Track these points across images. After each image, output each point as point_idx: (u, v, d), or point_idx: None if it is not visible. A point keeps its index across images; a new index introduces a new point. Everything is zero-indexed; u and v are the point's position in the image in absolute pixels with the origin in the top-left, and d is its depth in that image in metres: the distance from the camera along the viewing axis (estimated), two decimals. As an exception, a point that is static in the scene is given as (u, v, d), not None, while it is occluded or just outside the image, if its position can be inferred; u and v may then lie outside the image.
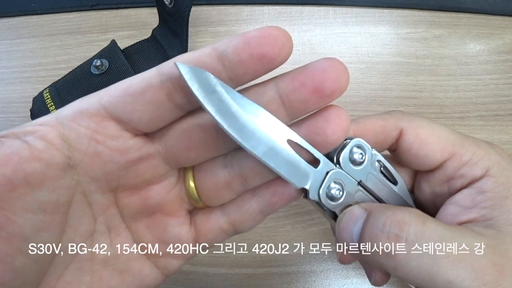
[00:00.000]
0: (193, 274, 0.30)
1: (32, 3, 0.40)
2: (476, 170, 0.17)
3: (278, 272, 0.30)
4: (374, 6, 0.39)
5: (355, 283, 0.30)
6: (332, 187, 0.17)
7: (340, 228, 0.17)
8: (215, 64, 0.14)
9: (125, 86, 0.15)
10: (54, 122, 0.15)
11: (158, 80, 0.14)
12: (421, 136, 0.18)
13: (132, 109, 0.15)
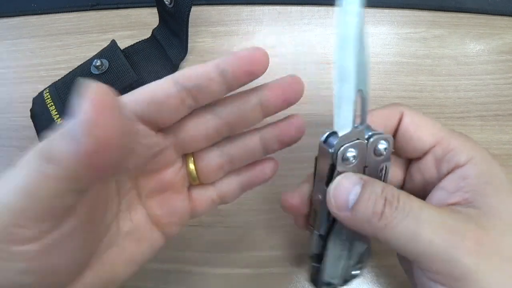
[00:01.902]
0: (193, 274, 0.30)
1: (32, 3, 0.40)
2: (461, 157, 0.19)
3: (278, 272, 0.30)
4: (374, 6, 0.39)
5: (355, 283, 0.30)
6: (351, 151, 0.19)
7: (335, 195, 0.19)
8: (218, 77, 0.19)
9: (149, 96, 0.18)
10: None
11: (175, 90, 0.18)
12: (416, 121, 0.21)
13: (157, 114, 0.18)
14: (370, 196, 0.18)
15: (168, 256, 0.31)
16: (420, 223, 0.17)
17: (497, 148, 0.33)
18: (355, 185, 0.18)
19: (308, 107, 0.35)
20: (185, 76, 0.19)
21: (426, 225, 0.17)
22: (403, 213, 0.17)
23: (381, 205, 0.17)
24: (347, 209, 0.18)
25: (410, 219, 0.17)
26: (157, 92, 0.18)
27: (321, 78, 0.36)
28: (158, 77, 0.37)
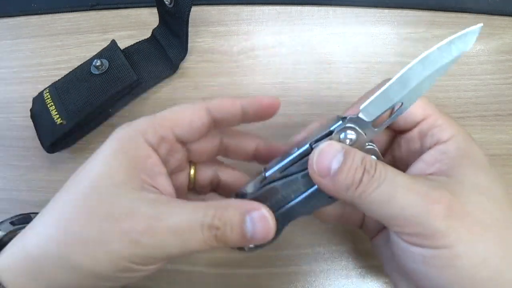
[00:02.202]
0: (193, 274, 0.30)
1: (32, 3, 0.40)
2: (444, 134, 0.21)
3: (278, 272, 0.30)
4: (374, 6, 0.39)
5: (355, 283, 0.30)
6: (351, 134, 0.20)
7: (318, 160, 0.20)
8: (240, 114, 0.23)
9: (188, 121, 0.22)
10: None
11: (207, 118, 0.23)
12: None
13: (192, 137, 0.23)
14: (352, 165, 0.19)
15: (168, 256, 0.31)
16: (394, 189, 0.18)
17: (497, 148, 0.33)
18: (338, 153, 0.19)
19: (308, 107, 0.35)
20: (216, 108, 0.23)
21: (400, 190, 0.18)
22: (379, 181, 0.19)
23: (360, 174, 0.19)
24: (328, 175, 0.20)
25: (385, 186, 0.18)
26: (194, 119, 0.22)
27: (321, 78, 0.36)
28: (158, 77, 0.37)
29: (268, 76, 0.36)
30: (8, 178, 0.34)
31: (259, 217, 0.20)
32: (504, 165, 0.33)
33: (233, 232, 0.19)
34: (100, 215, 0.19)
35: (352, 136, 0.20)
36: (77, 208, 0.19)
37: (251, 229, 0.20)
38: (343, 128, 0.20)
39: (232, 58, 0.37)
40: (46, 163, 0.34)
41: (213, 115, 0.23)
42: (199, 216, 0.19)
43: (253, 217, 0.20)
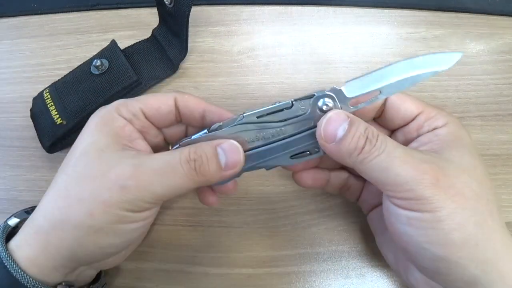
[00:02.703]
0: (193, 274, 0.30)
1: (33, 3, 0.40)
2: (438, 122, 0.24)
3: (278, 272, 0.30)
4: (374, 6, 0.39)
5: (355, 283, 0.30)
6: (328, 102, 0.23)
7: (326, 127, 0.22)
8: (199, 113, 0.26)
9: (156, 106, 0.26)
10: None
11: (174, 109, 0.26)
12: (401, 97, 0.25)
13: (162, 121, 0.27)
14: (355, 133, 0.21)
15: (168, 256, 0.31)
16: (392, 159, 0.21)
17: (497, 148, 0.33)
18: (344, 122, 0.22)
19: (308, 107, 0.35)
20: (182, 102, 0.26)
21: (396, 161, 0.21)
22: (379, 150, 0.21)
23: (363, 142, 0.21)
24: (333, 141, 0.22)
25: (384, 155, 0.21)
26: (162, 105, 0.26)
27: (321, 78, 0.36)
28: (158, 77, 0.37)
29: (268, 76, 0.36)
30: (8, 178, 0.34)
31: (229, 146, 0.23)
32: (504, 165, 0.33)
33: (209, 162, 0.22)
34: (91, 174, 0.21)
35: (329, 104, 0.22)
36: (71, 174, 0.22)
37: (224, 157, 0.23)
38: (324, 95, 0.22)
39: (232, 58, 0.37)
40: (46, 163, 0.34)
41: (178, 105, 0.26)
42: (176, 155, 0.22)
43: (224, 147, 0.23)
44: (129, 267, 0.30)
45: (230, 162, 0.23)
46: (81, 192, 0.21)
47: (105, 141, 0.23)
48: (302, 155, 0.24)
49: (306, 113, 0.23)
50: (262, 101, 0.35)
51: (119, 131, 0.23)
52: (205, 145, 0.23)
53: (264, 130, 0.23)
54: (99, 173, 0.21)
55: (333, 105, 0.22)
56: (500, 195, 0.32)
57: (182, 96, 0.26)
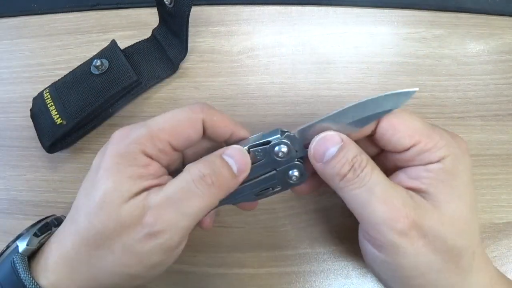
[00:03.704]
0: (193, 274, 0.30)
1: (32, 3, 0.40)
2: (433, 157, 0.21)
3: (278, 272, 0.30)
4: (374, 6, 0.39)
5: (355, 283, 0.30)
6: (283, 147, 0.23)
7: (317, 146, 0.22)
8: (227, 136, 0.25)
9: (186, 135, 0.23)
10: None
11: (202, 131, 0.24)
12: (394, 124, 0.22)
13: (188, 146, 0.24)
14: (341, 159, 0.21)
15: (168, 256, 0.31)
16: (370, 196, 0.20)
17: (497, 148, 0.33)
18: (335, 144, 0.21)
19: (308, 107, 0.35)
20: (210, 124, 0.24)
21: (374, 199, 0.20)
22: (361, 183, 0.20)
23: (346, 170, 0.21)
24: (321, 161, 0.22)
25: (364, 189, 0.20)
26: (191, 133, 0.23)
27: (321, 78, 0.36)
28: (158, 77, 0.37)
29: (268, 76, 0.36)
30: (8, 178, 0.34)
31: (234, 150, 0.22)
32: (504, 165, 0.33)
33: (222, 172, 0.22)
34: (118, 226, 0.20)
35: (284, 150, 0.23)
36: (96, 224, 0.21)
37: (233, 162, 0.22)
38: (279, 142, 0.23)
39: (232, 58, 0.37)
40: (46, 163, 0.34)
41: (205, 128, 0.23)
42: (187, 178, 0.21)
43: (230, 153, 0.22)
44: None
45: (241, 166, 0.22)
46: (112, 244, 0.20)
47: (128, 187, 0.21)
48: (266, 192, 0.25)
49: (262, 160, 0.23)
50: (262, 101, 0.35)
51: (142, 173, 0.21)
52: (211, 157, 0.22)
53: None
54: (126, 224, 0.20)
55: (287, 151, 0.23)
56: (500, 195, 0.32)
57: (211, 117, 0.23)
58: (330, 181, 0.22)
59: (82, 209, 0.21)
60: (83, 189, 0.22)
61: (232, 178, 0.22)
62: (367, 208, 0.20)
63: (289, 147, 0.23)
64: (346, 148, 0.21)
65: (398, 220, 0.20)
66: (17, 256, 0.22)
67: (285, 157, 0.23)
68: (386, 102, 0.21)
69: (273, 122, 0.34)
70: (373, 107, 0.21)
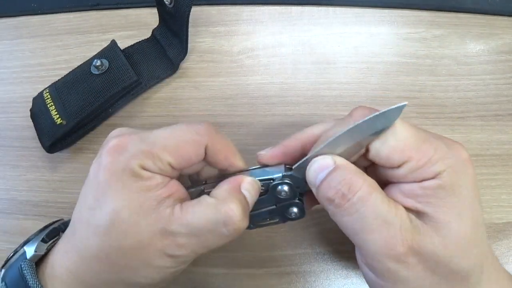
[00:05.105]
0: (193, 274, 0.30)
1: (33, 3, 0.40)
2: (428, 173, 0.19)
3: (278, 272, 0.30)
4: (374, 6, 0.39)
5: (355, 283, 0.30)
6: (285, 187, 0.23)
7: (311, 170, 0.21)
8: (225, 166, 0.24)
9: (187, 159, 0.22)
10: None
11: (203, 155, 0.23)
12: (384, 140, 0.20)
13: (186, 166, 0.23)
14: (329, 184, 0.20)
15: (168, 256, 0.31)
16: (364, 223, 0.19)
17: (497, 148, 0.33)
18: (325, 169, 0.20)
19: (308, 107, 0.35)
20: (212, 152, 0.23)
21: (368, 226, 0.19)
22: (353, 209, 0.19)
23: (332, 194, 0.20)
24: (315, 186, 0.21)
25: (355, 216, 0.19)
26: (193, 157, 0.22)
27: (321, 78, 0.36)
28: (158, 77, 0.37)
29: (268, 76, 0.36)
30: (8, 178, 0.34)
31: (249, 183, 0.22)
32: (504, 165, 0.33)
33: (246, 212, 0.21)
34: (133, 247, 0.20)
35: (286, 189, 0.23)
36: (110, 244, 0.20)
37: (250, 196, 0.22)
38: (282, 182, 0.23)
39: (232, 58, 0.37)
40: (46, 163, 0.34)
41: (207, 152, 0.23)
42: (216, 215, 0.20)
43: (246, 186, 0.22)
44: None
45: (252, 201, 0.22)
46: (129, 262, 0.20)
47: (139, 202, 0.20)
48: (263, 222, 0.25)
49: (264, 196, 0.23)
50: (262, 101, 0.35)
51: (149, 185, 0.21)
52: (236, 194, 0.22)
53: None
54: (143, 244, 0.20)
55: (289, 190, 0.23)
56: (500, 195, 0.32)
57: (215, 145, 0.23)
58: (324, 204, 0.21)
59: (89, 225, 0.20)
60: (84, 203, 0.21)
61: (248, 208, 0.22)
62: (360, 236, 0.19)
63: (291, 187, 0.23)
64: (336, 172, 0.20)
65: (395, 247, 0.18)
66: (25, 263, 0.21)
67: (287, 196, 0.23)
68: (378, 123, 0.19)
69: (273, 122, 0.34)
70: (365, 130, 0.19)
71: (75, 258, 0.21)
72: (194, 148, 0.22)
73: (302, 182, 0.22)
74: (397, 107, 0.19)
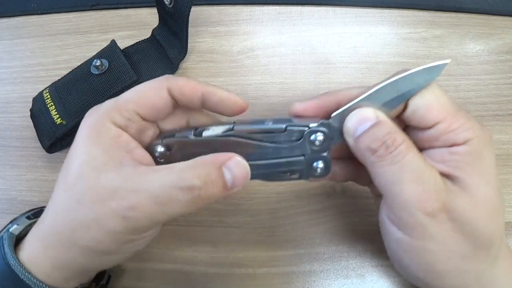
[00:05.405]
0: (193, 274, 0.30)
1: (32, 3, 0.40)
2: (458, 138, 0.20)
3: (278, 272, 0.30)
4: (374, 6, 0.39)
5: (355, 283, 0.30)
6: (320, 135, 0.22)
7: (352, 121, 0.21)
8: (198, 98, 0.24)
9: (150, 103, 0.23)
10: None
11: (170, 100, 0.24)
12: (425, 97, 0.21)
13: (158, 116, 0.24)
14: (372, 136, 0.20)
15: (168, 256, 0.31)
16: (402, 174, 0.20)
17: (497, 148, 0.33)
18: (367, 121, 0.21)
19: (308, 107, 0.35)
20: (177, 90, 0.23)
21: (407, 177, 0.20)
22: (394, 160, 0.20)
23: (377, 146, 0.20)
24: (353, 136, 0.21)
25: (396, 167, 0.20)
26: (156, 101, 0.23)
27: (321, 78, 0.36)
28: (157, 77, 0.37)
29: (268, 76, 0.36)
30: (8, 178, 0.34)
31: (234, 164, 0.21)
32: (504, 165, 0.33)
33: (214, 186, 0.20)
34: (92, 199, 0.20)
35: (320, 138, 0.22)
36: (72, 196, 0.21)
37: (231, 177, 0.21)
38: (317, 130, 0.22)
39: (232, 58, 0.37)
40: (46, 163, 0.34)
41: (173, 95, 0.23)
42: (174, 180, 0.20)
43: (230, 166, 0.21)
44: (129, 267, 0.30)
45: (237, 181, 0.21)
46: (85, 218, 0.21)
47: (101, 159, 0.21)
48: (283, 175, 0.24)
49: (296, 142, 0.22)
50: (262, 101, 0.35)
51: (114, 144, 0.22)
52: (209, 166, 0.21)
53: (251, 147, 0.23)
54: (100, 199, 0.20)
55: (324, 140, 0.22)
56: (500, 195, 0.32)
57: (176, 84, 0.23)
58: (362, 157, 0.21)
59: (60, 185, 0.22)
60: (62, 168, 0.22)
61: (223, 191, 0.21)
62: (396, 186, 0.20)
63: (326, 137, 0.22)
64: (380, 125, 0.20)
65: (428, 201, 0.19)
66: (6, 233, 0.23)
67: (319, 146, 0.22)
68: (419, 78, 0.20)
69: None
70: (406, 84, 0.20)
71: (44, 222, 0.22)
72: (155, 91, 0.23)
73: (337, 132, 0.22)
74: (440, 64, 0.20)
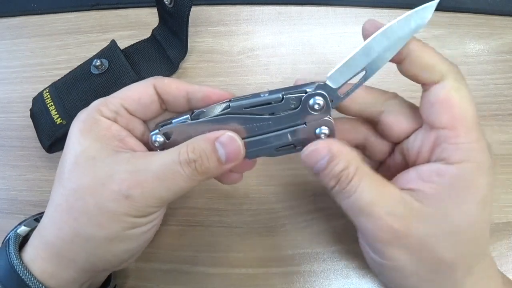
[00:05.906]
0: (193, 274, 0.30)
1: (32, 3, 0.40)
2: (454, 155, 0.19)
3: (278, 272, 0.30)
4: (374, 6, 0.39)
5: (355, 283, 0.30)
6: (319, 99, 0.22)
7: (306, 157, 0.22)
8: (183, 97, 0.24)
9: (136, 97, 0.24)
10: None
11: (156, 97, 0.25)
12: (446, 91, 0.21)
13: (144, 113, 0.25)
14: (329, 173, 0.21)
15: (168, 256, 0.31)
16: (354, 208, 0.21)
17: (497, 148, 0.33)
18: (323, 158, 0.21)
19: (308, 107, 0.35)
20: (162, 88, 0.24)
21: (359, 209, 0.20)
22: (347, 194, 0.21)
23: (334, 183, 0.21)
24: (314, 172, 0.22)
25: (350, 200, 0.21)
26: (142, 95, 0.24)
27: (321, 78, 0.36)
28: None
29: (268, 76, 0.36)
30: (8, 178, 0.34)
31: (227, 139, 0.22)
32: (504, 165, 0.33)
33: (209, 160, 0.21)
34: (90, 185, 0.21)
35: (320, 102, 0.22)
36: (69, 186, 0.21)
37: (224, 152, 0.22)
38: (315, 93, 0.22)
39: (232, 58, 0.37)
40: (46, 163, 0.34)
41: (159, 92, 0.24)
42: (174, 156, 0.21)
43: (222, 141, 0.22)
44: (130, 267, 0.30)
45: (230, 156, 0.22)
46: (85, 205, 0.21)
47: (95, 147, 0.22)
48: (288, 148, 0.23)
49: (296, 110, 0.22)
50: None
51: (106, 133, 0.22)
52: (202, 142, 0.22)
53: (250, 122, 0.22)
54: (99, 183, 0.21)
55: (324, 104, 0.22)
56: (500, 195, 0.32)
57: (162, 82, 0.24)
58: (326, 188, 0.22)
59: (56, 181, 0.23)
60: (58, 166, 0.23)
61: (219, 166, 0.22)
62: (353, 218, 0.21)
63: (326, 99, 0.22)
64: (334, 161, 0.21)
65: (381, 230, 0.20)
66: (13, 234, 0.24)
67: (320, 110, 0.22)
68: (409, 23, 0.21)
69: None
70: (397, 31, 0.21)
71: (44, 219, 0.23)
72: (140, 88, 0.24)
73: (336, 92, 0.22)
74: (429, 5, 0.21)
